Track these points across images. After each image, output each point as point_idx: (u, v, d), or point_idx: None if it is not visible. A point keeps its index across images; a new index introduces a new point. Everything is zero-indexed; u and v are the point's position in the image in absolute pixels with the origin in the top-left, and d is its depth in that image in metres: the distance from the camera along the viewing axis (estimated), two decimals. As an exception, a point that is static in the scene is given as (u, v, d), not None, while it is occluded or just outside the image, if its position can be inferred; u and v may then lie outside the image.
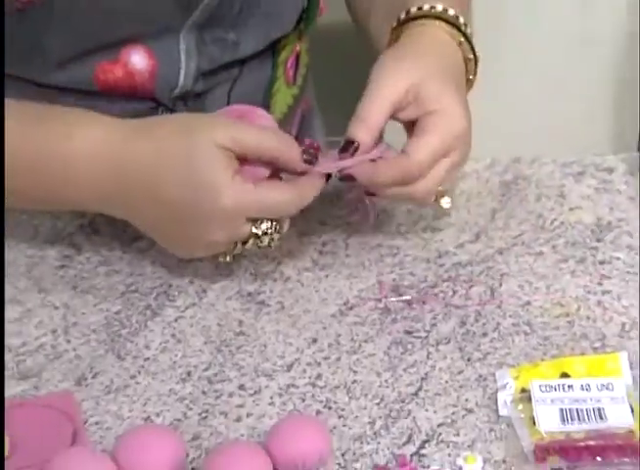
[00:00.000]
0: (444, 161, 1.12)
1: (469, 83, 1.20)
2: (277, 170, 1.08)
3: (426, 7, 1.18)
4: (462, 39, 1.19)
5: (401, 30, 1.19)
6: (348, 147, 1.10)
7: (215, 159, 1.04)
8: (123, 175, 1.07)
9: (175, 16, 1.21)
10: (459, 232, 1.23)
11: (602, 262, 1.18)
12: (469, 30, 1.19)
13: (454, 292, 1.15)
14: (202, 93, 1.29)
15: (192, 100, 1.28)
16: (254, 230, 1.07)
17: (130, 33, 1.20)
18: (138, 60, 1.21)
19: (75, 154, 1.08)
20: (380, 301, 1.14)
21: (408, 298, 1.14)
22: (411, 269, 1.18)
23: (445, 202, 1.18)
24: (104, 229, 1.22)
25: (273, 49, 1.34)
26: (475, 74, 1.21)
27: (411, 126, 1.13)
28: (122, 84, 1.21)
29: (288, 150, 1.07)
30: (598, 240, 1.21)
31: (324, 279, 1.17)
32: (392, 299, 1.14)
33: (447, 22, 1.18)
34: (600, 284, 1.16)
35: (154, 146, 1.07)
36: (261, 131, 1.08)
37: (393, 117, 1.12)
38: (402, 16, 1.19)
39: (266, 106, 1.37)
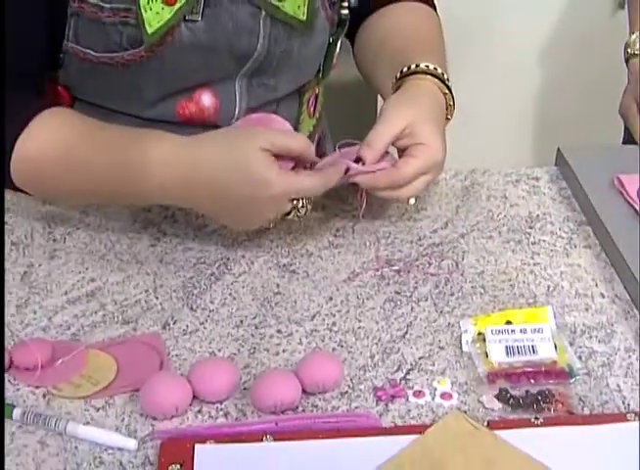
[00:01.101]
0: (423, 177, 1.13)
1: (446, 122, 1.20)
2: (300, 161, 1.08)
3: (422, 65, 1.19)
4: (446, 91, 1.19)
5: (403, 81, 1.19)
6: (357, 162, 1.10)
7: (262, 160, 1.03)
8: (189, 180, 1.05)
9: (233, 68, 1.20)
10: (433, 222, 1.22)
11: (533, 243, 1.18)
12: (450, 84, 1.20)
13: (430, 264, 1.14)
14: (250, 122, 1.28)
15: (243, 127, 1.28)
16: (295, 204, 1.07)
17: (201, 80, 1.19)
18: (206, 99, 1.21)
19: (152, 162, 1.06)
20: (377, 270, 1.13)
21: (397, 268, 1.13)
22: (399, 248, 1.17)
23: (411, 200, 1.17)
24: (181, 219, 1.20)
25: (299, 91, 1.33)
26: (451, 116, 1.21)
27: (403, 150, 1.14)
28: (196, 117, 1.21)
29: (308, 149, 1.07)
30: (530, 227, 1.21)
31: (337, 255, 1.15)
32: (386, 269, 1.13)
33: (436, 77, 1.19)
34: (532, 259, 1.15)
35: (212, 157, 1.05)
36: (289, 136, 1.08)
37: (393, 143, 1.13)
38: (404, 70, 1.20)
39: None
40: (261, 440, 0.88)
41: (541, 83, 2.42)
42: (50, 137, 1.08)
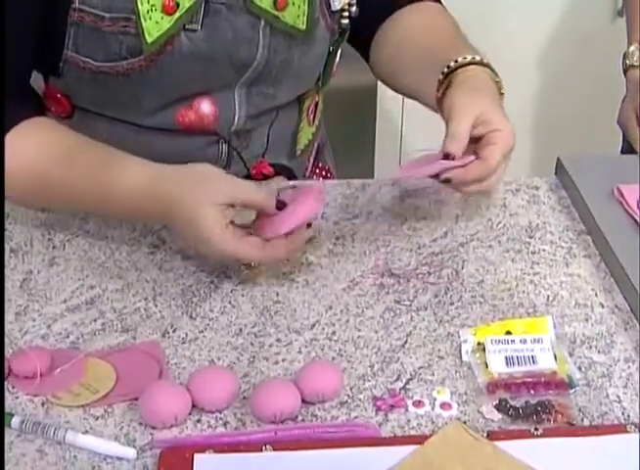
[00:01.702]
0: (503, 165, 1.13)
1: None
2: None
3: (469, 57, 1.18)
4: (497, 79, 1.20)
5: (453, 76, 1.18)
6: (447, 157, 1.10)
7: (209, 217, 1.02)
8: (149, 212, 1.08)
9: (232, 77, 1.21)
10: (433, 231, 1.21)
11: (533, 253, 1.17)
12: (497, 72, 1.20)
13: (429, 273, 1.13)
14: (249, 130, 1.28)
15: (243, 135, 1.28)
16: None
17: (200, 89, 1.20)
18: (206, 107, 1.21)
19: (118, 192, 1.08)
20: (377, 279, 1.12)
21: (397, 277, 1.12)
22: (399, 256, 1.16)
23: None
24: (181, 227, 1.20)
25: (299, 99, 1.34)
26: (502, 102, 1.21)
27: (475, 140, 1.13)
28: (195, 125, 1.21)
29: (267, 203, 1.06)
30: (530, 237, 1.20)
31: (337, 263, 1.15)
32: (386, 278, 1.12)
33: (484, 66, 1.19)
34: (532, 268, 1.15)
35: (171, 199, 1.05)
36: (243, 188, 1.06)
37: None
38: (451, 64, 1.19)
39: (294, 140, 1.36)
40: (261, 449, 0.88)
41: (540, 91, 2.42)
42: (27, 152, 1.10)
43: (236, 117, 1.24)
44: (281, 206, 1.06)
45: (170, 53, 1.13)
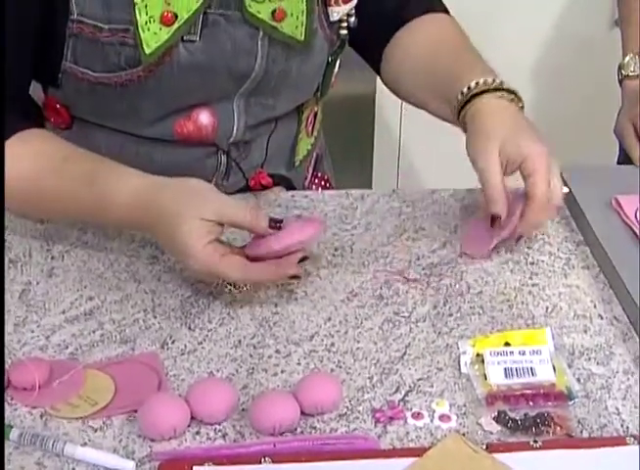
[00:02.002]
0: (554, 178, 1.12)
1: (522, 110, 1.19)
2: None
3: (481, 82, 1.17)
4: (512, 97, 1.17)
5: (466, 110, 1.17)
6: (496, 220, 1.12)
7: (192, 232, 1.01)
8: (150, 212, 1.06)
9: (231, 87, 1.21)
10: (431, 241, 1.21)
11: (532, 264, 1.17)
12: (508, 86, 1.18)
13: (428, 284, 1.13)
14: (248, 140, 1.28)
15: (242, 145, 1.28)
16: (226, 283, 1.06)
17: (199, 100, 1.20)
18: (204, 118, 1.21)
19: (112, 203, 1.07)
20: (375, 290, 1.12)
21: (396, 288, 1.12)
22: (398, 268, 1.16)
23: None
24: (179, 237, 1.20)
25: (298, 110, 1.34)
26: (523, 108, 1.19)
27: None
28: (193, 135, 1.21)
29: (256, 223, 1.04)
30: (529, 248, 1.20)
31: (335, 274, 1.15)
32: (384, 289, 1.12)
33: (499, 90, 1.17)
34: (531, 279, 1.15)
35: (159, 212, 1.05)
36: (232, 207, 1.05)
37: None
38: (460, 96, 1.17)
39: (293, 150, 1.36)
40: (260, 462, 0.88)
41: (536, 100, 2.42)
42: (23, 162, 1.10)
43: (235, 128, 1.24)
44: (275, 225, 1.05)
45: (169, 64, 1.13)
